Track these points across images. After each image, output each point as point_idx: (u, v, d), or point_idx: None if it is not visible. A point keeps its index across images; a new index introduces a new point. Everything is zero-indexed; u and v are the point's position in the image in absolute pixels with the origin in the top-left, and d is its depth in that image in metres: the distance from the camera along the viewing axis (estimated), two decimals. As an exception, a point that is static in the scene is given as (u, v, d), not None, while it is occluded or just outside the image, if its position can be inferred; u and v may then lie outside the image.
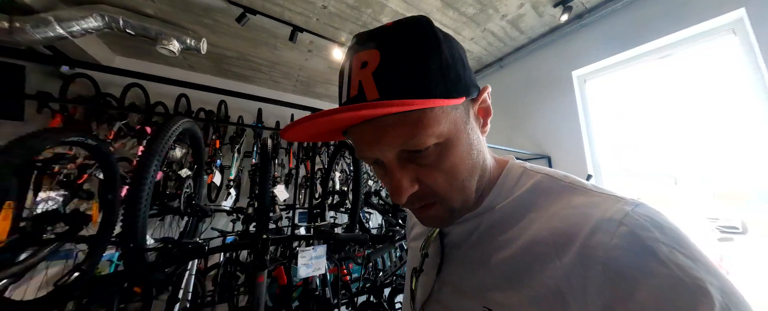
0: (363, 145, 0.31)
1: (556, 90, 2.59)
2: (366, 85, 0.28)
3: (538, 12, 2.37)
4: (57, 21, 2.03)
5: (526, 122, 2.85)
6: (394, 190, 0.31)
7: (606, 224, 0.25)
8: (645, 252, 0.23)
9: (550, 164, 2.53)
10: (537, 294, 0.27)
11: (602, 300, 0.23)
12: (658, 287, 0.21)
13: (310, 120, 0.26)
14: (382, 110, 0.25)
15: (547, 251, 0.28)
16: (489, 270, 0.32)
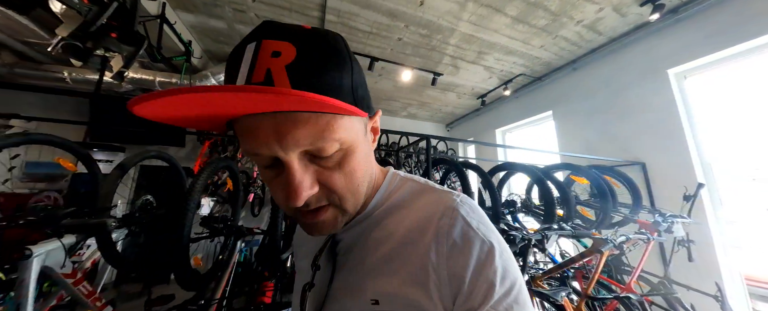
0: (262, 139, 0.27)
1: (647, 90, 2.40)
2: (276, 74, 0.26)
3: (621, 13, 2.28)
4: (212, 75, 2.82)
5: (609, 127, 2.67)
6: (293, 191, 0.29)
7: (448, 211, 0.35)
8: (467, 225, 0.34)
9: (644, 171, 2.33)
10: (409, 272, 0.33)
11: (446, 259, 0.32)
12: (472, 245, 0.33)
13: (187, 93, 0.21)
14: (298, 102, 0.23)
15: (415, 236, 0.35)
16: (373, 265, 0.35)
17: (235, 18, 2.37)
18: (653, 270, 1.94)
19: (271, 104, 0.24)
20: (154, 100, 0.21)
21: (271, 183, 0.31)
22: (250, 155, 0.29)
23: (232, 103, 0.24)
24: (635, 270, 1.61)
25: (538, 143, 3.82)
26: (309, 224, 0.33)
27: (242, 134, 0.28)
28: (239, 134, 0.29)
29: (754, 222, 1.97)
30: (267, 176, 0.31)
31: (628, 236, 1.37)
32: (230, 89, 0.21)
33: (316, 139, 0.28)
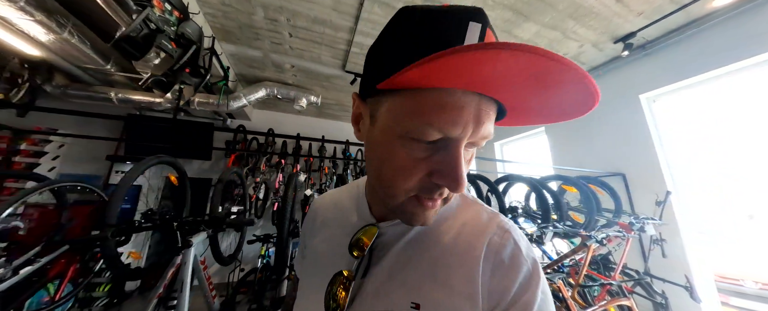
0: (463, 118, 0.26)
1: (624, 111, 2.81)
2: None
3: (598, 48, 2.72)
4: (244, 96, 3.14)
5: (595, 142, 3.07)
6: (460, 176, 0.27)
7: (501, 230, 0.36)
8: (518, 248, 0.35)
9: (625, 181, 2.70)
10: (460, 283, 0.32)
11: (491, 276, 0.33)
12: (520, 268, 0.33)
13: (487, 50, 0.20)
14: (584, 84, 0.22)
15: (464, 248, 0.35)
16: (418, 268, 0.35)
17: (271, 49, 2.73)
18: (636, 267, 2.26)
19: (570, 72, 0.21)
20: (429, 64, 0.21)
21: (413, 163, 0.29)
22: (421, 130, 0.27)
23: (543, 63, 0.20)
24: (619, 264, 1.94)
25: (532, 154, 4.21)
26: (422, 211, 0.32)
27: (439, 109, 0.26)
28: (430, 109, 0.26)
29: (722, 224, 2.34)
30: (411, 157, 0.29)
31: (608, 234, 1.70)
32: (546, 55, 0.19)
33: (487, 135, 0.28)
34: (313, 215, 0.50)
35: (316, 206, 0.51)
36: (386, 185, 0.32)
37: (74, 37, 2.12)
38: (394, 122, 0.29)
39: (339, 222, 0.45)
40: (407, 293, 0.34)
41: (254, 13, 2.21)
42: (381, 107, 0.31)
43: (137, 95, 2.95)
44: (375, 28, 2.40)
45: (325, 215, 0.48)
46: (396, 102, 0.29)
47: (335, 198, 0.50)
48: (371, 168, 0.35)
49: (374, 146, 0.33)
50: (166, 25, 1.49)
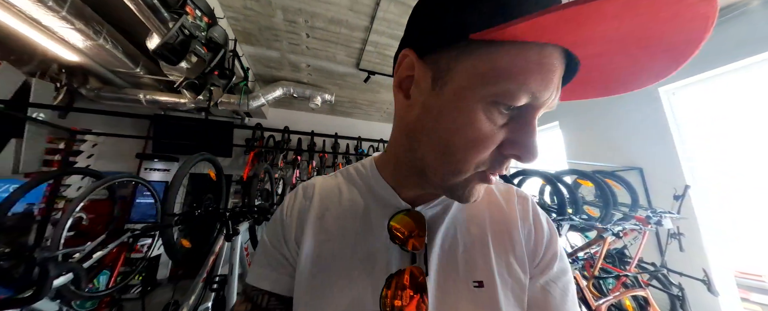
0: (554, 84, 0.24)
1: (642, 105, 2.77)
2: None
3: (616, 41, 2.67)
4: (262, 95, 3.26)
5: (611, 135, 3.04)
6: (535, 146, 0.26)
7: (522, 198, 0.42)
8: (537, 211, 0.42)
9: (642, 175, 2.68)
10: (512, 252, 0.36)
11: (527, 237, 0.38)
12: (544, 226, 0.40)
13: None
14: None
15: (501, 217, 0.39)
16: (466, 246, 0.35)
17: (288, 49, 2.82)
18: (652, 261, 2.27)
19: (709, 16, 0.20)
20: (526, 24, 0.20)
21: (492, 132, 0.26)
22: (511, 92, 0.24)
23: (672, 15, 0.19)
24: (635, 257, 1.96)
25: (545, 149, 4.19)
26: (482, 187, 0.30)
27: (539, 67, 0.23)
28: (521, 69, 0.23)
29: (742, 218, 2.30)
30: (491, 123, 0.26)
31: (623, 226, 1.72)
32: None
33: (555, 105, 0.27)
34: (304, 207, 0.39)
35: (309, 196, 0.40)
36: (455, 158, 0.27)
37: (108, 43, 2.26)
38: (479, 82, 0.25)
39: (350, 213, 0.38)
40: (467, 274, 0.33)
41: (274, 15, 2.30)
42: (456, 66, 0.26)
43: (163, 96, 3.11)
44: (390, 27, 2.45)
45: (324, 206, 0.39)
46: (487, 57, 0.24)
47: (331, 185, 0.42)
48: (427, 141, 0.29)
49: (440, 114, 0.27)
50: (197, 30, 1.59)
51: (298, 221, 0.39)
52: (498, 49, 0.23)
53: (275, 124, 4.27)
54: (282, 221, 0.40)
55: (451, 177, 0.29)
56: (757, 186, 2.14)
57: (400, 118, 0.33)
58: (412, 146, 0.32)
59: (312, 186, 0.43)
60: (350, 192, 0.41)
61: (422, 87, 0.29)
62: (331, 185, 0.43)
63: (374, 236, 0.36)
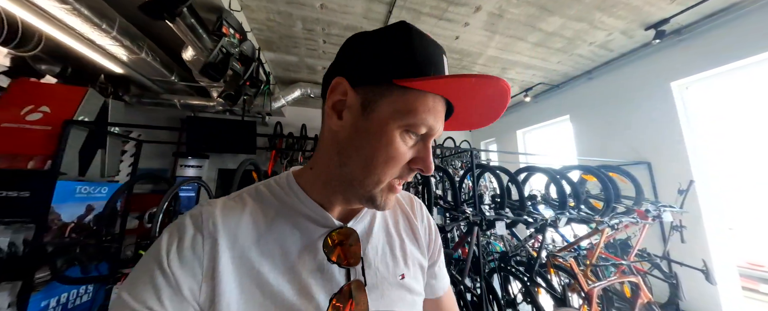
0: (440, 119, 0.34)
1: (653, 99, 2.78)
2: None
3: (628, 35, 2.67)
4: (282, 97, 3.50)
5: (621, 129, 3.07)
6: (429, 163, 0.35)
7: (411, 197, 0.53)
8: (423, 207, 0.54)
9: (650, 170, 2.74)
10: (413, 243, 0.47)
11: (426, 229, 0.50)
12: (431, 220, 0.52)
13: (467, 78, 0.29)
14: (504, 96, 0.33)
15: (405, 220, 0.48)
16: (388, 248, 0.43)
17: (306, 54, 3.01)
18: (657, 251, 2.38)
19: (503, 95, 0.32)
20: (429, 83, 0.31)
21: (404, 152, 0.34)
22: (416, 124, 0.32)
23: (476, 90, 0.32)
24: (634, 247, 2.09)
25: (555, 142, 4.23)
26: (392, 196, 0.36)
27: (430, 110, 0.33)
28: (425, 109, 0.32)
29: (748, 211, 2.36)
30: (405, 145, 0.33)
31: (620, 219, 1.86)
32: (490, 79, 0.30)
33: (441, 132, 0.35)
34: (201, 245, 0.33)
35: (207, 229, 0.34)
36: (374, 172, 0.34)
37: (148, 56, 2.53)
38: (397, 115, 0.32)
39: (276, 240, 0.36)
40: (394, 271, 0.41)
41: (294, 25, 2.48)
42: (381, 99, 0.33)
43: (194, 100, 3.41)
44: (401, 31, 2.57)
45: (240, 238, 0.34)
46: (405, 98, 0.32)
47: (239, 211, 0.36)
48: (356, 156, 0.34)
49: (366, 135, 0.33)
50: (232, 47, 1.81)
51: (195, 267, 0.31)
52: (410, 93, 0.32)
53: (293, 121, 4.54)
54: (163, 273, 0.30)
55: (372, 187, 0.35)
56: (764, 181, 2.18)
57: (332, 136, 0.36)
58: (343, 161, 0.35)
59: (208, 216, 0.34)
60: (267, 216, 0.37)
61: (353, 112, 0.34)
62: (238, 211, 0.36)
63: (308, 259, 0.36)
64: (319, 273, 0.36)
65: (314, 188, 0.39)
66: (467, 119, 0.39)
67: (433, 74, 0.32)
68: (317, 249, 0.37)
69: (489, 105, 0.36)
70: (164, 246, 0.32)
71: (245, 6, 2.19)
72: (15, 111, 1.35)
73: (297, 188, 0.39)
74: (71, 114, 1.43)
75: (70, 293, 1.27)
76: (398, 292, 0.40)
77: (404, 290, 0.41)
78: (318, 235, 0.38)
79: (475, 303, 1.57)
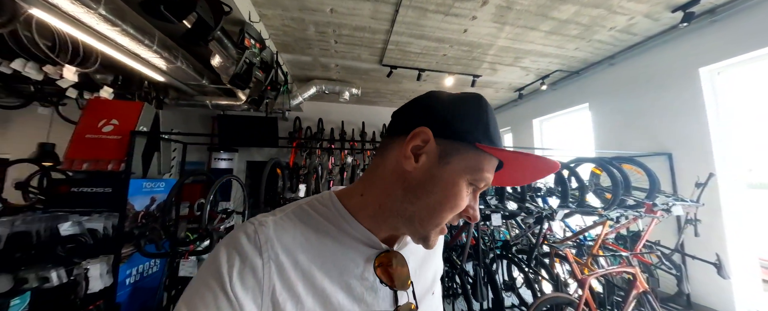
0: (492, 177, 0.39)
1: (679, 85, 2.62)
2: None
3: (653, 18, 2.50)
4: (299, 94, 3.73)
5: (642, 118, 2.94)
6: (478, 212, 0.40)
7: None
8: None
9: (671, 161, 2.64)
10: (435, 267, 0.51)
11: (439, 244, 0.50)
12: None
13: (521, 155, 0.37)
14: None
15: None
16: (424, 270, 0.47)
17: (319, 54, 3.18)
18: (670, 244, 2.35)
19: (549, 172, 0.39)
20: (501, 152, 0.37)
21: (465, 202, 0.38)
22: (483, 180, 0.38)
23: (548, 165, 0.38)
24: (641, 239, 2.11)
25: (573, 131, 4.09)
26: (439, 237, 0.41)
27: (492, 169, 0.39)
28: (490, 168, 0.38)
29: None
30: (467, 195, 0.38)
31: (622, 212, 1.89)
32: (543, 160, 0.37)
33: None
34: (273, 269, 0.34)
35: (263, 248, 0.35)
36: (438, 215, 0.37)
37: (183, 64, 2.85)
38: (468, 171, 0.37)
39: (330, 258, 0.38)
40: (429, 289, 0.47)
41: (307, 29, 2.64)
42: (458, 155, 0.37)
43: (223, 100, 3.77)
44: (409, 28, 2.64)
45: (299, 261, 0.36)
46: (477, 157, 0.37)
47: (291, 230, 0.38)
48: (425, 198, 0.37)
49: (437, 182, 0.36)
50: (254, 57, 2.02)
51: (256, 291, 0.33)
52: (483, 155, 0.37)
53: (310, 116, 4.81)
54: (227, 296, 0.31)
55: (432, 228, 0.38)
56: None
57: (401, 174, 0.38)
58: (409, 200, 0.37)
59: (266, 238, 0.35)
60: (319, 235, 0.39)
61: (431, 158, 0.37)
62: (291, 231, 0.38)
63: (362, 279, 0.39)
64: (373, 293, 0.39)
65: (363, 214, 0.40)
66: (508, 179, 0.45)
67: (499, 145, 0.39)
68: (368, 270, 0.39)
69: (533, 174, 0.43)
70: (225, 268, 0.32)
71: (263, 15, 2.38)
72: (93, 125, 1.70)
73: (343, 211, 0.40)
74: (134, 125, 1.75)
75: (145, 264, 1.69)
76: (430, 303, 0.47)
77: (434, 304, 0.48)
78: (367, 256, 0.40)
79: (471, 285, 1.74)
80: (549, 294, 1.59)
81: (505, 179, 0.45)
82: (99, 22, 1.86)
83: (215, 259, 0.34)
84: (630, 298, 1.66)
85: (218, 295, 0.31)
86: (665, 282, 2.33)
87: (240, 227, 0.37)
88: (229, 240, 0.36)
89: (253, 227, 0.36)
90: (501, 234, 3.13)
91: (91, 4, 1.71)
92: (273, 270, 0.34)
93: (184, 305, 0.31)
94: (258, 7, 2.31)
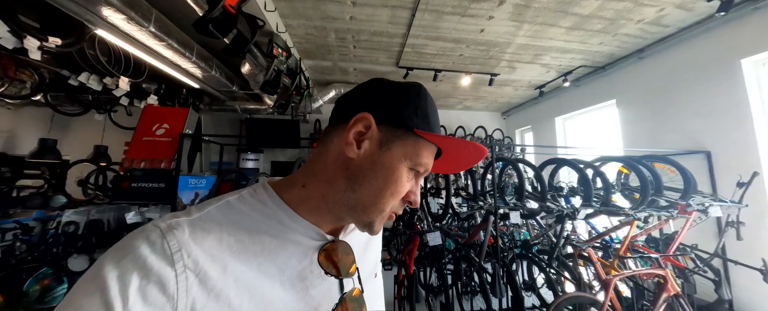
0: (431, 163, 0.41)
1: (718, 79, 2.44)
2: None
3: (686, 9, 2.36)
4: (320, 97, 3.92)
5: (675, 116, 2.77)
6: (419, 197, 0.42)
7: None
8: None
9: (709, 159, 2.47)
10: (377, 249, 0.53)
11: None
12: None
13: (456, 143, 0.40)
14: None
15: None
16: (368, 254, 0.49)
17: (339, 59, 3.33)
18: (709, 248, 2.19)
19: (480, 158, 0.43)
20: (438, 138, 0.38)
21: (406, 187, 0.39)
22: (422, 165, 0.39)
23: (463, 153, 0.43)
24: (674, 241, 2.01)
25: (599, 129, 3.92)
26: (380, 224, 0.40)
27: (432, 155, 0.41)
28: (429, 154, 0.40)
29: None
30: (408, 182, 0.39)
31: (651, 213, 1.81)
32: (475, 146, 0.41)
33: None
34: (193, 281, 0.29)
35: (194, 264, 0.29)
36: (381, 202, 0.37)
37: (217, 73, 3.10)
38: (408, 156, 0.38)
39: (268, 257, 0.34)
40: (371, 271, 0.49)
41: (328, 36, 2.78)
42: (397, 139, 0.38)
43: (250, 104, 4.04)
44: (425, 31, 2.70)
45: (228, 265, 0.31)
46: (416, 144, 0.39)
47: (214, 235, 0.32)
48: (367, 185, 0.37)
49: (379, 168, 0.37)
50: (281, 65, 2.18)
51: (170, 306, 0.27)
52: (421, 141, 0.39)
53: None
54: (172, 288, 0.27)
55: (376, 215, 0.38)
56: None
57: (343, 162, 0.38)
58: (352, 187, 0.37)
59: (179, 245, 0.29)
60: (251, 233, 0.35)
61: (373, 144, 0.37)
62: (215, 233, 0.32)
63: (306, 274, 0.37)
64: (318, 285, 0.38)
65: (304, 206, 0.38)
66: (445, 166, 0.48)
67: (437, 132, 0.41)
68: (313, 262, 0.38)
69: (466, 160, 0.46)
70: (115, 286, 0.25)
71: (288, 26, 2.56)
72: (149, 129, 1.95)
73: (282, 205, 0.37)
74: (181, 128, 1.98)
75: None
76: (374, 287, 0.49)
77: (377, 285, 0.51)
78: (311, 249, 0.38)
79: (490, 282, 1.76)
80: (571, 292, 1.58)
81: (443, 166, 0.47)
82: (149, 38, 2.11)
83: (99, 276, 0.26)
84: (659, 301, 1.60)
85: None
86: (703, 289, 2.19)
87: (136, 235, 0.29)
88: (118, 253, 0.28)
89: (157, 231, 0.29)
90: (520, 234, 3.08)
91: (143, 23, 1.95)
92: (192, 282, 0.28)
93: None
94: (284, 19, 2.48)
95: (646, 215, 1.79)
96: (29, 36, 1.88)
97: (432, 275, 2.44)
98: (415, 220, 2.09)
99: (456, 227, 2.70)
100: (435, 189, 2.64)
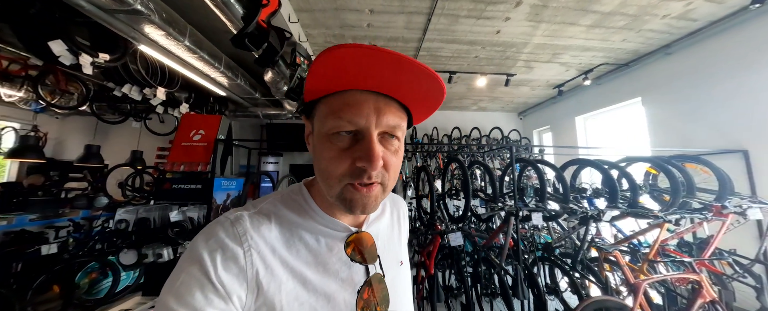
0: (364, 112, 0.35)
1: (754, 73, 2.31)
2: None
3: (716, 2, 2.26)
4: (336, 102, 4.03)
5: (707, 113, 2.63)
6: (375, 157, 0.35)
7: (402, 202, 0.62)
8: (404, 205, 0.63)
9: (746, 158, 2.33)
10: (402, 236, 0.56)
11: (407, 222, 0.59)
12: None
13: (378, 51, 0.32)
14: (439, 81, 0.35)
15: (397, 217, 0.57)
16: (392, 241, 0.52)
17: (355, 64, 3.42)
18: (749, 253, 2.06)
19: (426, 74, 0.34)
20: (351, 49, 0.31)
21: (339, 153, 0.36)
22: (337, 125, 0.35)
23: (404, 61, 0.32)
24: (710, 245, 1.91)
25: (623, 129, 3.77)
26: (361, 197, 0.37)
27: (345, 106, 0.35)
28: (339, 107, 0.35)
29: None
30: (337, 148, 0.36)
31: (683, 215, 1.74)
32: (404, 60, 0.32)
33: (396, 127, 0.37)
34: (255, 257, 0.37)
35: (254, 245, 0.38)
36: (324, 177, 0.38)
37: (241, 81, 3.28)
38: (321, 124, 0.38)
39: (305, 246, 0.41)
40: (396, 258, 0.51)
41: (346, 42, 2.88)
42: (314, 120, 0.40)
43: (271, 110, 4.23)
44: (441, 34, 2.74)
45: (277, 249, 0.39)
46: (319, 109, 0.39)
47: (266, 226, 0.40)
48: (319, 170, 0.40)
49: (315, 150, 0.40)
50: (304, 73, 2.29)
51: (241, 277, 0.35)
52: (324, 103, 0.38)
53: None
54: (212, 284, 0.33)
55: (334, 194, 0.38)
56: None
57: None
58: (318, 178, 0.41)
59: (244, 230, 0.38)
60: (292, 227, 0.42)
61: (312, 138, 0.43)
62: (266, 224, 0.40)
63: (335, 260, 0.42)
64: (347, 269, 0.42)
65: (325, 203, 0.44)
66: (419, 103, 0.41)
67: (349, 87, 0.36)
68: (341, 251, 0.43)
69: (414, 89, 0.37)
70: (208, 260, 0.34)
71: (309, 35, 2.69)
72: (187, 135, 2.12)
73: (312, 203, 0.44)
74: (215, 134, 2.14)
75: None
76: (398, 275, 0.51)
77: (402, 273, 0.53)
78: (339, 240, 0.44)
79: (511, 285, 1.75)
80: (598, 296, 1.55)
81: (415, 107, 0.41)
82: (184, 51, 2.30)
83: (195, 252, 0.35)
84: (695, 307, 1.53)
85: (205, 284, 0.33)
86: (743, 297, 2.06)
87: (214, 224, 0.39)
88: (206, 236, 0.37)
89: (228, 221, 0.39)
90: (541, 238, 3.02)
91: (179, 38, 2.13)
92: (255, 257, 0.37)
93: (171, 296, 0.32)
94: (305, 29, 2.61)
95: (677, 217, 1.72)
96: (83, 53, 2.10)
97: (450, 277, 2.44)
98: (435, 220, 2.12)
99: (473, 229, 2.69)
100: (455, 191, 2.65)
